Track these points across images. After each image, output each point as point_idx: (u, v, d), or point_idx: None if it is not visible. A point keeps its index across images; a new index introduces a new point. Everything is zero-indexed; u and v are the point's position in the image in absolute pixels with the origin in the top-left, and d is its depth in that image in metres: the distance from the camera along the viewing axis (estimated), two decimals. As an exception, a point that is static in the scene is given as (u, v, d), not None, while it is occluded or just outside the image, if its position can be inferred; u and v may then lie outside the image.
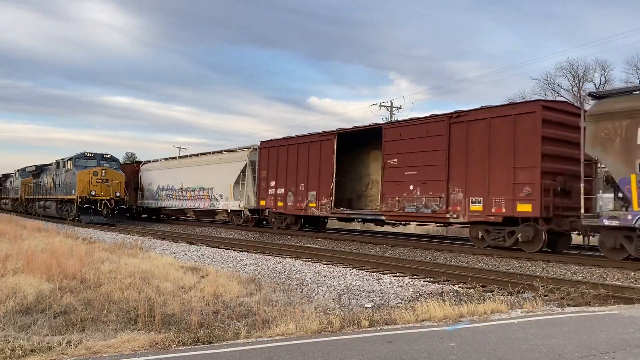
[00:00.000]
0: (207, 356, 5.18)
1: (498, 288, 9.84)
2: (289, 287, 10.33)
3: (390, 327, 6.47)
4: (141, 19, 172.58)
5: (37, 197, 37.75)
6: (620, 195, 12.25)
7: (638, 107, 12.05)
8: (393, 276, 11.52)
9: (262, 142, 25.20)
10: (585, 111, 13.42)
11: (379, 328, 6.43)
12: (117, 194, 30.40)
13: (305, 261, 14.00)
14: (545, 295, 8.83)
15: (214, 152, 30.39)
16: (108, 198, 29.92)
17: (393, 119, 43.16)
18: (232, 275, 10.87)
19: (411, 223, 20.79)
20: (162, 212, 35.32)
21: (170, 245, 18.41)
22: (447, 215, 16.33)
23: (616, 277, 11.37)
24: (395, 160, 18.28)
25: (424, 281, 10.95)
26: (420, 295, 9.42)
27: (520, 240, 14.56)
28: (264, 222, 26.39)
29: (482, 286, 10.04)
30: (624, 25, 76.89)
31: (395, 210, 18.01)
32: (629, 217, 11.95)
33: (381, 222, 20.40)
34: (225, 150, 29.25)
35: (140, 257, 13.58)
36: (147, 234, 22.56)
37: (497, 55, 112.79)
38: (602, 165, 12.99)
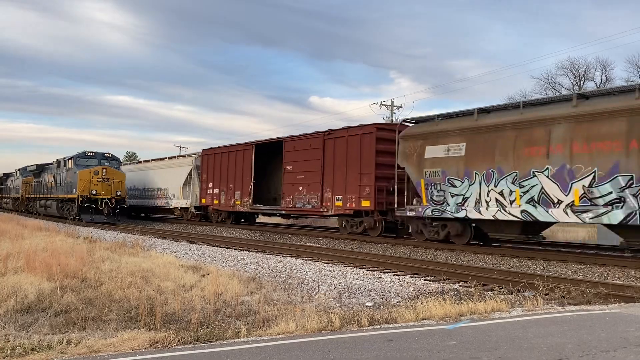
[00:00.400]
0: (207, 355, 5.19)
1: (498, 287, 9.84)
2: (289, 286, 10.33)
3: (390, 326, 6.47)
4: (142, 18, 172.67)
5: (38, 196, 37.78)
6: (417, 194, 17.12)
7: (426, 131, 16.89)
8: (393, 275, 11.52)
9: (203, 149, 30.36)
10: (399, 132, 18.07)
11: (379, 327, 6.43)
12: (118, 193, 30.44)
13: (305, 260, 14.01)
14: (546, 294, 8.83)
15: (169, 158, 35.78)
16: (109, 197, 29.95)
17: (394, 118, 43.19)
18: (232, 274, 10.87)
19: (303, 216, 26.33)
20: (132, 209, 38.01)
21: (171, 244, 18.42)
22: (322, 210, 21.26)
23: (617, 275, 11.37)
24: (291, 167, 23.09)
25: (424, 280, 10.95)
26: (421, 294, 9.42)
27: (366, 227, 19.67)
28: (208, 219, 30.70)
29: (483, 285, 10.04)
30: (625, 24, 76.87)
31: (291, 206, 22.96)
32: (420, 209, 16.88)
33: (286, 216, 26.19)
34: (178, 156, 35.52)
35: (141, 256, 13.59)
36: (148, 233, 22.58)
37: (498, 53, 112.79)
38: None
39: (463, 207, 15.45)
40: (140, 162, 40.79)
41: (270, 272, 12.10)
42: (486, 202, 14.88)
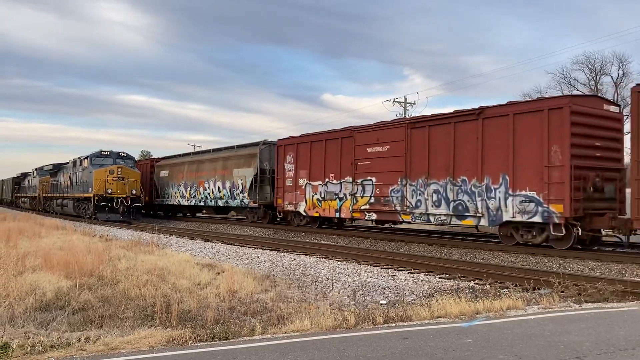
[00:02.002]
0: (223, 352, 5.22)
1: (514, 284, 9.77)
2: (303, 284, 10.35)
3: (405, 324, 6.46)
4: (155, 18, 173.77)
5: (54, 195, 38.23)
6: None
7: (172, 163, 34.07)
8: (408, 273, 11.49)
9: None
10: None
11: (394, 324, 6.43)
12: (133, 192, 30.71)
13: (319, 258, 14.02)
14: (562, 292, 8.75)
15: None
16: (124, 196, 30.23)
17: (407, 115, 42.98)
18: (247, 271, 10.92)
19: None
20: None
21: (186, 243, 18.54)
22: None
23: (635, 272, 11.22)
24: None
25: (439, 278, 10.90)
26: (436, 291, 9.38)
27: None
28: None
29: (498, 282, 9.98)
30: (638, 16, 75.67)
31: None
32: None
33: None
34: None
35: (157, 254, 13.70)
36: (163, 232, 22.75)
37: (513, 49, 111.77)
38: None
39: (176, 197, 33.05)
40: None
41: (284, 270, 12.13)
42: (182, 195, 32.10)
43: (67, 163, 36.86)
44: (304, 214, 22.21)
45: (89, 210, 30.70)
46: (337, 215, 20.49)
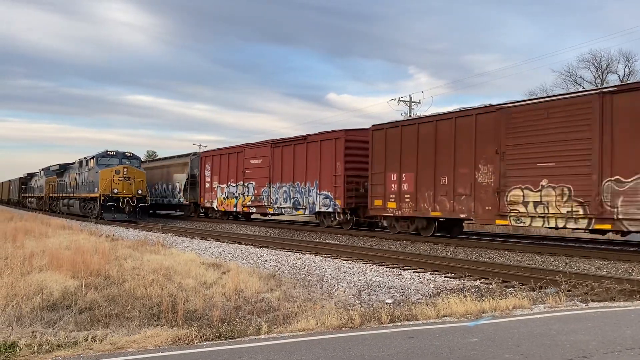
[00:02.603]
0: (229, 351, 5.24)
1: (520, 283, 9.74)
2: (309, 283, 10.36)
3: (411, 323, 6.46)
4: (161, 18, 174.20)
5: (61, 195, 38.41)
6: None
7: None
8: (413, 272, 11.48)
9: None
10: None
11: (399, 324, 6.43)
12: (139, 192, 30.81)
13: (325, 257, 14.02)
14: (569, 291, 8.72)
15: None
16: (130, 196, 30.33)
17: (412, 114, 42.91)
18: (252, 271, 10.94)
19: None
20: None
21: (192, 242, 18.59)
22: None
23: (642, 271, 11.16)
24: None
25: (444, 277, 10.89)
26: (441, 291, 9.37)
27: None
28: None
29: (504, 281, 9.95)
30: (649, 15, 75.21)
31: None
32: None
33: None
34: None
35: (163, 254, 13.75)
36: (169, 231, 22.82)
37: (518, 47, 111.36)
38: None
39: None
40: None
41: (289, 269, 12.14)
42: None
43: (74, 163, 37.02)
44: (216, 209, 29.54)
45: (95, 210, 30.82)
46: (234, 209, 27.86)
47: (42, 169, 45.97)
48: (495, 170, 14.81)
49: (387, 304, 8.35)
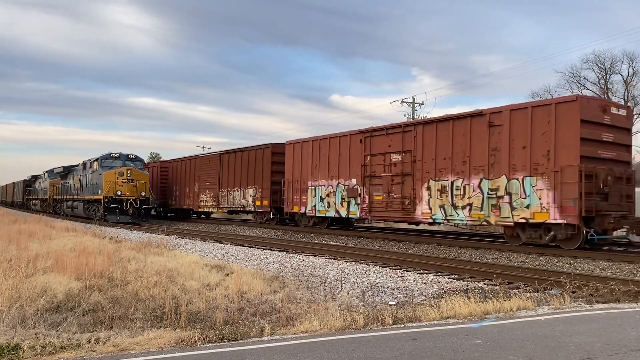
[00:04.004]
0: (232, 353, 5.23)
1: (524, 285, 9.71)
2: (312, 285, 10.34)
3: (414, 325, 6.44)
4: (165, 20, 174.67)
5: (64, 197, 38.53)
6: None
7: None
8: (417, 273, 11.45)
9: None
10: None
11: (403, 325, 6.41)
12: (143, 194, 30.87)
13: (328, 258, 14.01)
14: (573, 292, 8.68)
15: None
16: (134, 198, 30.39)
17: (415, 115, 42.88)
18: (256, 272, 10.93)
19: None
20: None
21: (195, 244, 18.60)
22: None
23: (647, 273, 11.11)
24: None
25: (448, 278, 10.86)
26: (445, 292, 9.34)
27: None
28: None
29: (508, 283, 9.92)
30: (653, 15, 75.02)
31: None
32: None
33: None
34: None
35: (166, 256, 13.75)
36: (172, 233, 22.84)
37: (522, 48, 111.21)
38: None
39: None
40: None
41: (293, 271, 12.13)
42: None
43: (77, 165, 37.11)
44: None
45: (99, 212, 30.89)
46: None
47: (46, 171, 46.12)
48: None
49: (390, 305, 8.33)
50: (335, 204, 21.36)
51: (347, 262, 13.37)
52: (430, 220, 17.58)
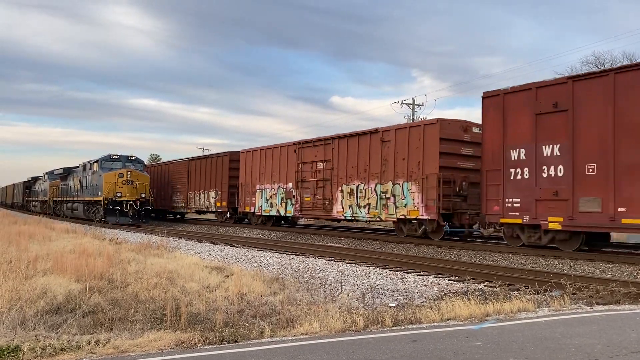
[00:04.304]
0: (232, 355, 5.22)
1: (524, 286, 9.69)
2: (312, 286, 10.34)
3: (415, 326, 6.44)
4: (166, 21, 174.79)
5: (64, 199, 38.53)
6: None
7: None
8: (417, 275, 11.45)
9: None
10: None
11: (403, 327, 6.40)
12: (143, 195, 30.88)
13: (328, 260, 14.00)
14: (573, 294, 8.68)
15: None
16: (133, 199, 30.39)
17: (415, 117, 42.91)
18: (256, 274, 10.92)
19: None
20: None
21: (195, 245, 18.60)
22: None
23: (647, 274, 11.11)
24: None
25: (448, 280, 10.86)
26: (445, 294, 9.34)
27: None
28: None
29: (508, 284, 9.91)
30: (652, 17, 75.03)
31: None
32: None
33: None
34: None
35: (166, 257, 13.75)
36: (172, 235, 22.84)
37: (523, 49, 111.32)
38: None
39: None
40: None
41: (293, 273, 12.12)
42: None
43: (77, 167, 37.12)
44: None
45: (99, 214, 30.89)
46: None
47: (46, 173, 46.13)
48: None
49: (390, 307, 8.33)
50: (276, 204, 25.16)
51: (347, 263, 13.37)
52: (342, 217, 21.47)
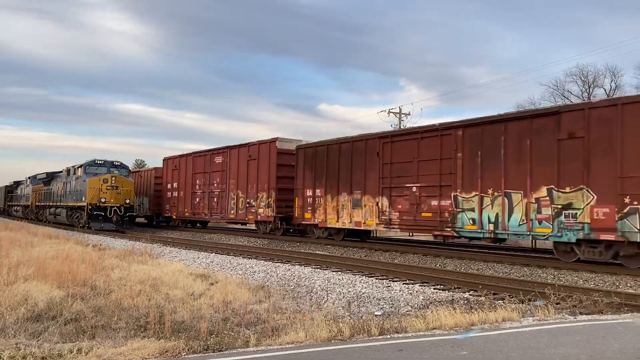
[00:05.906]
0: (217, 364, 5.17)
1: (509, 296, 9.76)
2: (298, 295, 10.30)
3: (400, 335, 6.43)
4: (154, 27, 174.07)
5: (47, 204, 38.00)
6: None
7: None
8: (403, 283, 11.46)
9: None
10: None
11: (389, 336, 6.40)
12: (127, 201, 30.56)
13: (314, 268, 13.97)
14: (557, 303, 8.74)
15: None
16: (118, 205, 30.08)
17: (402, 126, 43.14)
18: (241, 282, 10.86)
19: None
20: None
21: (180, 252, 18.45)
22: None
23: (629, 284, 11.25)
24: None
25: (434, 288, 10.88)
26: (431, 302, 9.36)
27: None
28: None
29: (493, 294, 9.97)
30: (635, 30, 76.52)
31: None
32: None
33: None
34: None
35: (150, 264, 13.62)
36: (157, 241, 22.63)
37: (509, 61, 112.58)
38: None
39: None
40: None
41: (278, 281, 12.07)
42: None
43: (61, 172, 36.66)
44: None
45: (82, 219, 30.51)
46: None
47: (29, 177, 45.49)
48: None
49: (376, 316, 8.32)
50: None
51: (333, 271, 13.34)
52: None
